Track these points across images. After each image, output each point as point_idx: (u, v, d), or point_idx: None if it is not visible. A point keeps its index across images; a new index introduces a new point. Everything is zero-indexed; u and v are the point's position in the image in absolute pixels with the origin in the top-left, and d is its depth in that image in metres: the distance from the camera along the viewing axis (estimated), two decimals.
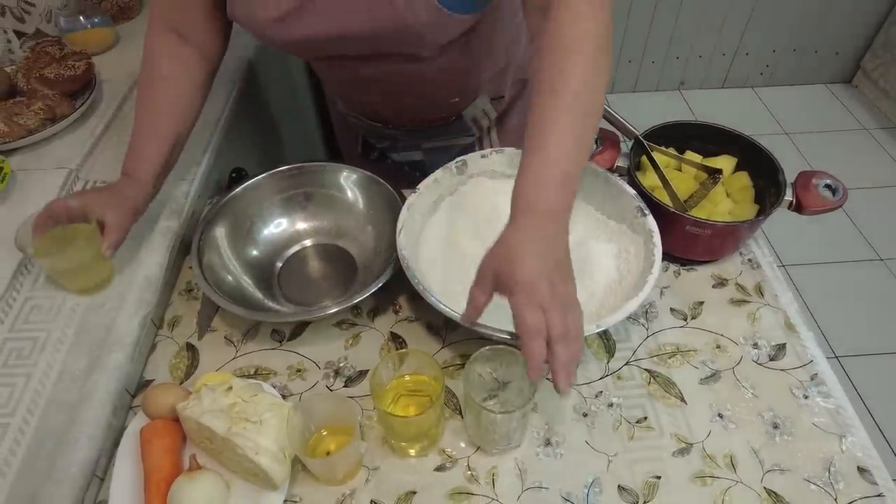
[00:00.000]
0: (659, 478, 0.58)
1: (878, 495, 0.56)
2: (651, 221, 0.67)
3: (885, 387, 1.53)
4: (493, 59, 0.82)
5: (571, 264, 0.53)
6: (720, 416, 0.62)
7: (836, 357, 1.59)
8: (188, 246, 0.71)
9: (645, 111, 2.37)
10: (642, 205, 0.69)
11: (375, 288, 0.64)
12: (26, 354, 0.63)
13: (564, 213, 0.52)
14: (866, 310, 1.70)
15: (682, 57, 2.40)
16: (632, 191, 0.71)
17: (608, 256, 0.70)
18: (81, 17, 1.03)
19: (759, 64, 2.44)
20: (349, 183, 0.77)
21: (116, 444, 0.59)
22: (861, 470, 0.58)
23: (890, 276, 1.79)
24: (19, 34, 1.05)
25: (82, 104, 0.89)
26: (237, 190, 0.75)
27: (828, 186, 0.72)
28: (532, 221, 0.52)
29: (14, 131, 0.82)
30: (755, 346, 0.68)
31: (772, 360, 0.67)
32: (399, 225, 0.67)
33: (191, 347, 0.69)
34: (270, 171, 0.76)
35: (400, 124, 0.87)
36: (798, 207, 0.72)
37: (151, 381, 0.66)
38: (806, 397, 0.64)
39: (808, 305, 1.72)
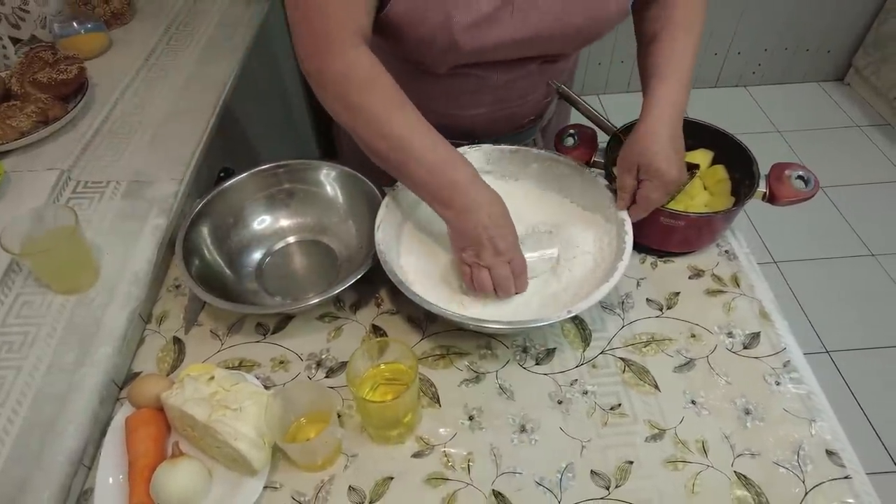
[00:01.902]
0: (631, 463, 0.59)
1: (846, 477, 0.58)
2: (623, 211, 0.69)
3: (877, 381, 1.53)
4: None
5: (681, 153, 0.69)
6: (693, 402, 0.64)
7: (828, 352, 1.60)
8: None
9: (638, 111, 2.38)
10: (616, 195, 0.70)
11: (353, 280, 0.66)
12: (17, 348, 0.65)
13: (683, 109, 0.70)
14: (858, 305, 1.71)
15: None
16: (606, 182, 0.72)
17: (585, 247, 0.71)
18: (75, 23, 1.06)
19: (751, 63, 2.46)
20: (329, 179, 0.79)
21: (103, 433, 0.61)
22: (829, 453, 0.59)
23: (881, 271, 1.79)
24: (14, 40, 1.07)
25: (74, 107, 0.91)
26: (221, 188, 0.77)
27: (800, 177, 0.74)
28: (669, 117, 0.67)
29: (7, 134, 0.85)
30: (730, 334, 0.70)
31: (745, 348, 0.69)
32: (377, 221, 0.69)
33: (177, 341, 0.70)
34: (253, 170, 0.78)
35: (488, 136, 0.84)
36: (771, 198, 0.74)
37: (139, 373, 0.67)
38: (778, 384, 0.65)
39: (799, 301, 1.73)
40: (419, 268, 0.70)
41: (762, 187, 0.74)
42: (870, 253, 1.84)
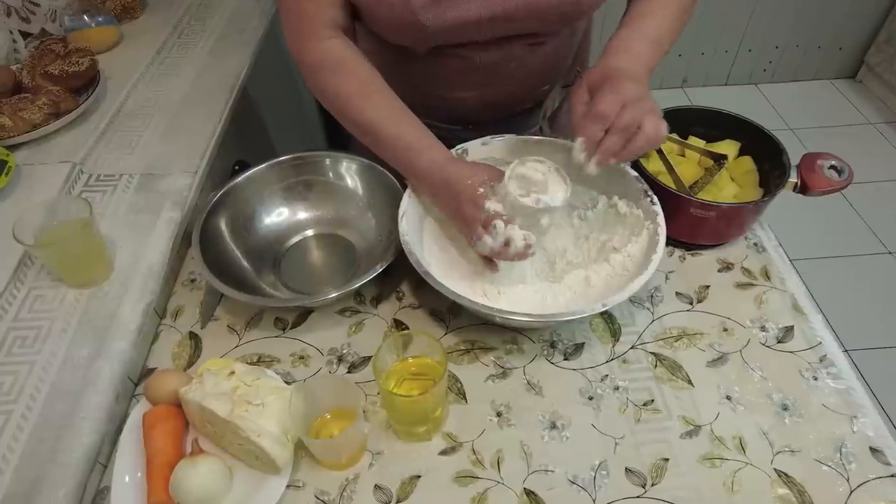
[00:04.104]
0: (667, 460, 0.57)
1: (892, 476, 0.55)
2: (655, 204, 0.67)
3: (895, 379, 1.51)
4: (581, 41, 0.85)
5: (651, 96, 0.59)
6: (728, 398, 0.61)
7: (846, 351, 1.58)
8: (191, 237, 0.71)
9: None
10: (646, 187, 0.68)
11: (375, 273, 0.64)
12: (30, 343, 0.63)
13: (648, 63, 0.63)
14: (874, 303, 1.68)
15: (684, 54, 2.40)
16: (635, 173, 0.70)
17: (618, 240, 0.69)
18: (85, 16, 1.04)
19: (762, 60, 2.44)
20: (349, 172, 0.77)
21: (119, 431, 0.59)
22: (873, 450, 0.57)
23: None
24: (25, 34, 1.06)
25: (86, 99, 0.90)
26: (238, 180, 0.75)
27: (833, 167, 0.72)
28: (622, 60, 0.61)
29: (19, 126, 0.83)
30: (763, 328, 0.68)
31: (780, 342, 0.66)
32: (401, 211, 0.67)
33: (193, 336, 0.68)
34: (271, 161, 0.76)
35: (482, 122, 0.83)
36: (803, 189, 0.72)
37: (154, 369, 0.66)
38: (815, 379, 0.63)
39: (816, 300, 1.70)
40: (442, 260, 0.68)
41: (793, 177, 0.72)
42: (887, 251, 1.82)
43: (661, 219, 0.65)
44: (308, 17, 0.67)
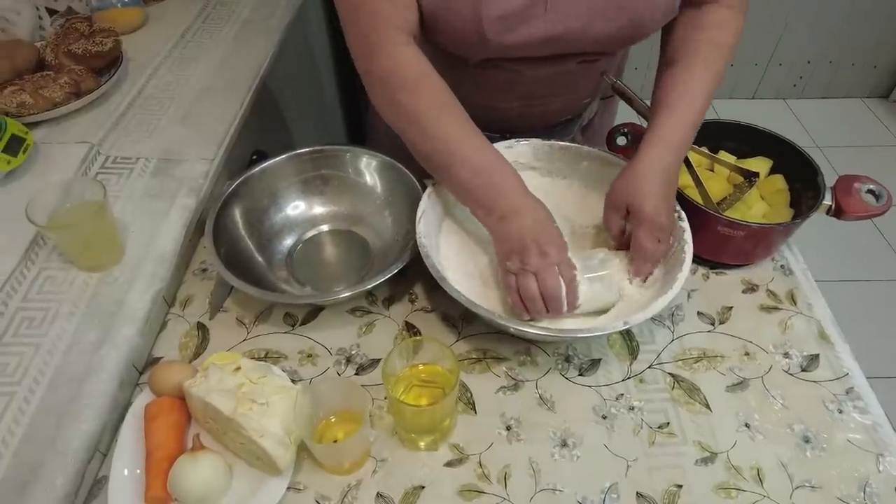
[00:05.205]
0: (680, 486, 0.55)
1: None
2: (683, 220, 0.64)
3: None
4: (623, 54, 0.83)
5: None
6: (747, 425, 0.59)
7: (866, 378, 1.53)
8: (204, 226, 0.70)
9: None
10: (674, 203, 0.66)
11: (391, 274, 0.62)
12: (37, 324, 0.62)
13: (685, 151, 0.65)
14: None
15: None
16: None
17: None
18: None
19: (792, 75, 2.38)
20: (369, 168, 0.76)
21: (121, 420, 0.58)
22: None
23: None
24: (51, 11, 1.05)
25: (108, 80, 0.89)
26: (255, 170, 0.73)
27: (871, 191, 0.69)
28: (662, 154, 0.62)
29: (39, 104, 0.82)
30: (786, 355, 0.65)
31: (804, 370, 0.64)
32: (419, 212, 0.65)
33: (201, 327, 0.67)
34: (290, 153, 0.75)
35: (521, 131, 0.80)
36: (838, 212, 0.69)
37: (159, 358, 0.64)
38: (840, 412, 0.60)
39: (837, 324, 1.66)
40: (458, 265, 0.67)
41: (828, 200, 0.69)
42: None
43: (688, 235, 0.63)
44: (384, 19, 0.60)
